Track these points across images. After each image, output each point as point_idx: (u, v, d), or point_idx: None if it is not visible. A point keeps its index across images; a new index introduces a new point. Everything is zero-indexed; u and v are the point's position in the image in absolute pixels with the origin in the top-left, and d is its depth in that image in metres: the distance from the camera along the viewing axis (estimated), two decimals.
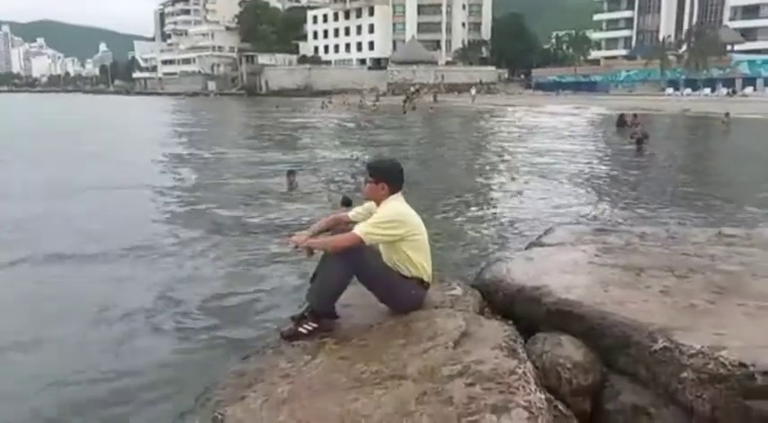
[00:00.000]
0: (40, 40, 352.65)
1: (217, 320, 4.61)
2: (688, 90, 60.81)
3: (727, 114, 27.65)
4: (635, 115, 24.02)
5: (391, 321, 3.38)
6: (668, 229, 5.49)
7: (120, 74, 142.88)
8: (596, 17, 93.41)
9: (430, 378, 2.63)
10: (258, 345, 3.48)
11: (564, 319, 3.38)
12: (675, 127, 30.06)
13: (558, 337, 3.25)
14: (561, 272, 4.00)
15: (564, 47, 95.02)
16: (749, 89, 59.28)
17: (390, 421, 2.33)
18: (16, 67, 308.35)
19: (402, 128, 28.93)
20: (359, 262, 3.33)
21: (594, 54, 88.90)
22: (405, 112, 39.90)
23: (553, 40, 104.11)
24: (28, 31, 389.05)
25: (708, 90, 59.74)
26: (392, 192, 3.46)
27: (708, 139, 24.87)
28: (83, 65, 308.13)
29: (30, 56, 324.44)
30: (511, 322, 3.47)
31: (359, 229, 3.28)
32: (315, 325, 3.36)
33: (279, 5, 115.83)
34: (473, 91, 56.70)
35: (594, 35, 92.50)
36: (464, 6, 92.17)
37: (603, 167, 14.11)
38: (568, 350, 3.13)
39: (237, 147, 19.66)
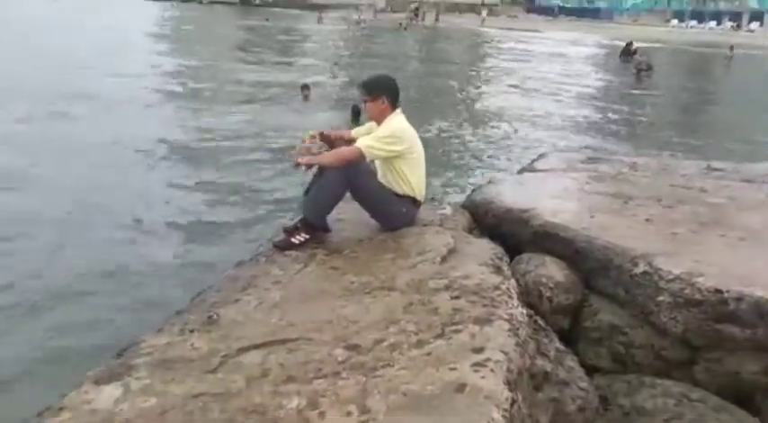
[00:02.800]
0: None
1: (213, 228, 4.69)
2: (693, 22, 59.32)
3: (731, 48, 27.13)
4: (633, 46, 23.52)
5: (382, 236, 3.45)
6: (659, 161, 5.55)
7: None
8: None
9: (417, 290, 2.72)
10: (251, 253, 3.55)
11: (549, 241, 3.48)
12: (678, 60, 29.52)
13: (542, 258, 3.36)
14: (550, 197, 4.07)
15: None
16: (755, 24, 57.85)
17: (377, 326, 2.43)
18: None
19: (399, 53, 28.16)
20: (354, 177, 3.36)
21: None
22: (405, 29, 38.58)
23: None
24: None
25: (713, 23, 58.30)
26: (392, 106, 3.45)
27: (710, 73, 24.55)
28: None
29: None
30: (497, 243, 3.56)
31: (360, 143, 3.30)
32: (307, 236, 3.42)
33: None
34: (484, 13, 54.31)
35: None
36: None
37: (603, 98, 13.99)
38: (551, 270, 3.24)
39: (246, 63, 19.03)
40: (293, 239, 3.42)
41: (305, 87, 11.50)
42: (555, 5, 73.60)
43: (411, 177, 3.48)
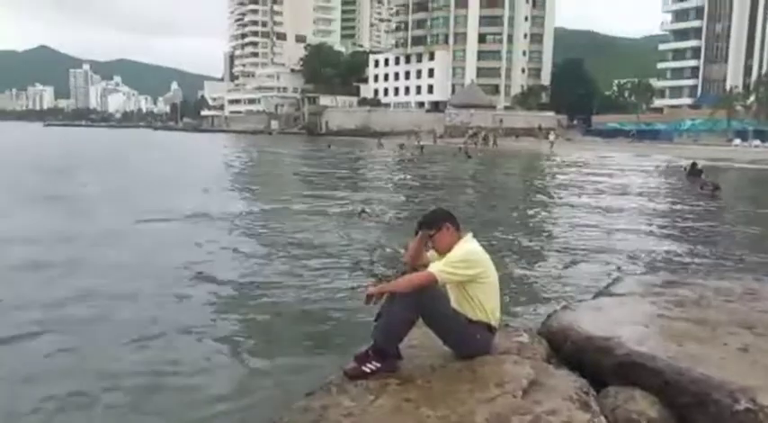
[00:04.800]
0: (117, 78, 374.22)
1: (280, 354, 4.66)
2: (757, 141, 58.66)
3: None
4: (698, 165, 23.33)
5: (457, 365, 3.34)
6: (743, 284, 5.26)
7: (190, 112, 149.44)
8: (660, 65, 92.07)
9: None
10: (321, 381, 3.49)
11: (636, 371, 3.26)
12: (745, 179, 28.95)
13: (630, 392, 3.14)
14: (632, 323, 3.88)
15: (626, 94, 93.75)
16: None
17: None
18: (93, 102, 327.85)
19: (462, 176, 28.91)
20: (426, 303, 3.32)
21: (658, 102, 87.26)
22: (469, 157, 38.10)
23: (615, 88, 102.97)
24: (106, 70, 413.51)
25: None
26: (457, 230, 3.48)
27: None
28: (155, 102, 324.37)
29: (106, 93, 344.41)
30: (578, 373, 3.37)
31: (434, 268, 3.30)
32: (378, 364, 3.35)
33: (342, 49, 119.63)
34: (551, 136, 53.62)
35: (658, 83, 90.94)
36: (524, 53, 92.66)
37: (673, 217, 13.69)
38: (642, 405, 3.01)
39: (310, 185, 19.94)
40: (364, 368, 3.34)
41: (362, 212, 12.03)
42: (613, 129, 74.91)
43: (485, 303, 3.41)
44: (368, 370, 3.33)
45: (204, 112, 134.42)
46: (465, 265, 3.34)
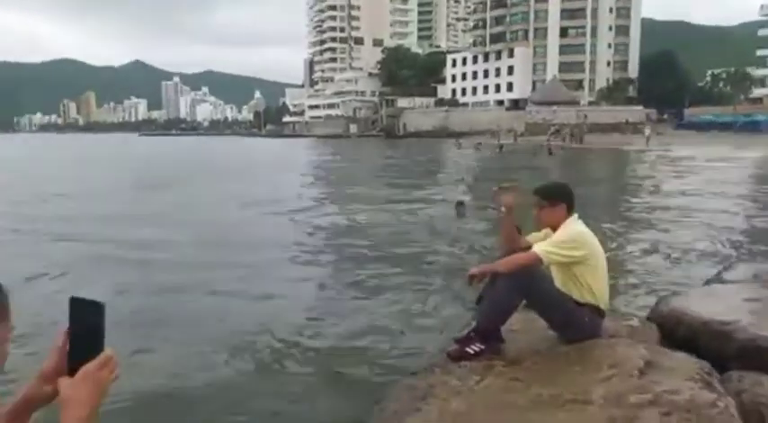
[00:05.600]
0: (204, 89, 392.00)
1: (379, 341, 4.71)
2: None
3: None
4: None
5: (563, 348, 3.24)
6: None
7: (272, 118, 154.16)
8: (759, 53, 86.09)
9: (616, 404, 2.47)
10: (423, 364, 3.49)
11: (762, 356, 3.05)
12: None
13: (756, 377, 2.94)
14: (750, 308, 3.64)
15: (721, 85, 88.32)
16: None
17: None
18: (183, 112, 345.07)
19: (550, 172, 28.17)
20: (530, 284, 3.24)
21: (757, 92, 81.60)
22: (550, 153, 37.13)
23: (708, 79, 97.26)
24: (194, 81, 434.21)
25: None
26: (569, 212, 3.37)
27: None
28: (239, 111, 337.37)
29: (195, 103, 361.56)
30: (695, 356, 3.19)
31: (538, 248, 3.22)
32: (482, 346, 3.31)
33: (419, 50, 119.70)
34: (647, 131, 51.16)
35: (757, 72, 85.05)
36: (609, 45, 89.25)
37: None
38: None
39: (396, 187, 20.08)
40: (468, 349, 3.31)
41: (460, 204, 11.87)
42: (707, 122, 70.75)
43: (593, 284, 3.29)
44: (471, 351, 3.30)
45: (286, 119, 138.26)
46: (571, 246, 3.23)
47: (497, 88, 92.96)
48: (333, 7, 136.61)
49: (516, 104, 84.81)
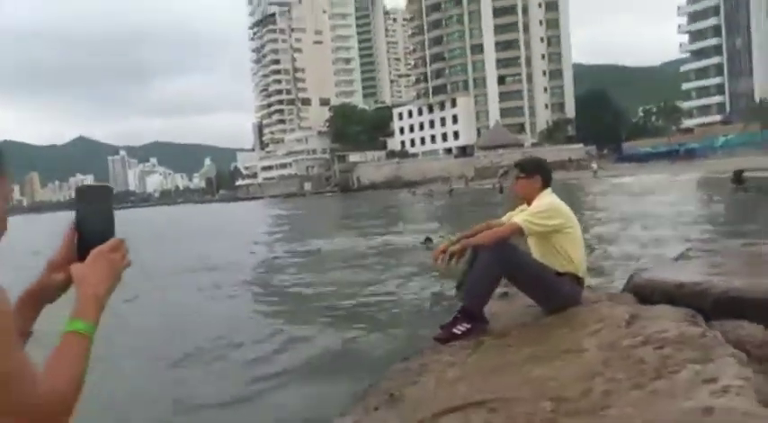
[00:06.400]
0: (153, 160, 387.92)
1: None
2: None
3: None
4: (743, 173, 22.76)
5: (548, 319, 3.27)
6: None
7: (225, 183, 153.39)
8: (685, 86, 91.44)
9: (611, 348, 2.50)
10: (412, 350, 3.45)
11: (738, 306, 3.14)
12: None
13: (736, 322, 3.02)
14: (717, 272, 3.77)
15: (653, 119, 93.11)
16: None
17: (579, 380, 2.22)
18: (132, 185, 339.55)
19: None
20: (509, 258, 3.28)
21: (687, 123, 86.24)
22: (501, 192, 38.54)
23: (641, 114, 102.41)
24: (142, 153, 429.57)
25: None
26: (545, 185, 3.48)
27: None
28: (190, 179, 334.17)
29: (144, 175, 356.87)
30: None
31: (517, 218, 3.29)
32: (468, 325, 3.30)
33: (366, 107, 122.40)
34: (594, 165, 54.84)
35: (685, 105, 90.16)
36: (545, 89, 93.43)
37: (725, 214, 13.49)
38: (753, 331, 2.89)
39: (358, 232, 20.16)
40: (455, 330, 3.30)
41: (428, 240, 11.99)
42: (645, 153, 73.98)
43: (571, 252, 3.37)
44: (458, 331, 3.29)
45: (239, 182, 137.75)
46: (547, 215, 3.32)
47: (444, 137, 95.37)
48: (277, 71, 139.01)
49: (464, 151, 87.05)
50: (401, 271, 8.15)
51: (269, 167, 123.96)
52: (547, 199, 3.43)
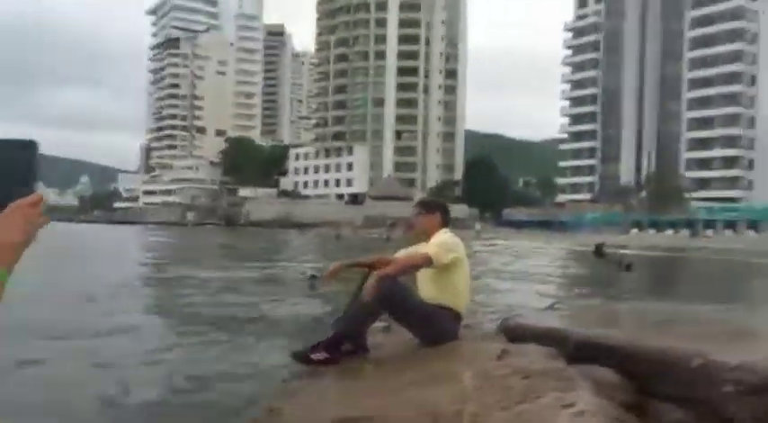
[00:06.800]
0: None
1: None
2: (652, 230, 63.57)
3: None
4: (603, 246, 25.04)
5: (428, 349, 3.41)
6: (675, 306, 5.69)
7: (101, 204, 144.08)
8: (561, 164, 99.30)
9: (483, 378, 2.67)
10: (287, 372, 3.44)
11: (595, 351, 3.46)
12: (646, 261, 31.16)
13: (592, 366, 3.32)
14: (579, 322, 4.13)
15: (531, 189, 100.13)
16: (710, 231, 62.23)
17: (453, 402, 2.35)
18: None
19: None
20: (392, 297, 3.34)
21: (561, 197, 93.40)
22: (388, 240, 39.65)
23: (521, 184, 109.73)
24: None
25: (670, 231, 62.54)
26: (444, 224, 3.68)
27: (676, 268, 25.91)
28: (61, 195, 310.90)
29: None
30: None
31: (427, 249, 3.45)
32: (326, 355, 3.32)
33: (263, 143, 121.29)
34: (478, 226, 57.03)
35: (561, 180, 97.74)
36: (438, 150, 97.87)
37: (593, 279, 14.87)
38: (603, 373, 3.19)
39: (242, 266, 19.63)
40: (312, 356, 3.33)
41: (312, 277, 11.71)
42: (522, 221, 79.02)
43: (461, 288, 3.57)
44: (315, 358, 3.32)
45: (117, 204, 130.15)
46: (447, 248, 3.50)
47: (338, 183, 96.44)
48: (175, 96, 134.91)
49: (355, 199, 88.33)
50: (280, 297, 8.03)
51: (152, 192, 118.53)
52: (446, 235, 3.63)
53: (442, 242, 3.53)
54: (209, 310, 7.06)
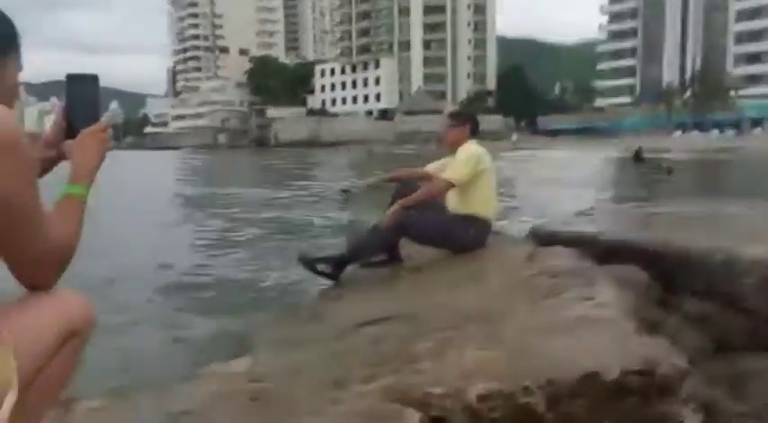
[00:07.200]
0: (54, 99, 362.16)
1: None
2: (696, 132, 61.61)
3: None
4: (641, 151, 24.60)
5: (460, 256, 3.58)
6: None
7: (132, 130, 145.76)
8: (599, 66, 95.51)
9: (512, 278, 2.84)
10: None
11: (622, 252, 3.59)
12: (691, 165, 30.59)
13: (621, 266, 3.45)
14: (611, 225, 4.24)
15: (568, 96, 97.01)
16: (758, 130, 59.86)
17: (485, 300, 2.53)
18: (28, 124, 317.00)
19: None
20: (406, 225, 3.50)
21: (599, 102, 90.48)
22: (419, 158, 39.76)
23: (557, 91, 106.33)
24: (42, 91, 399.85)
25: (716, 131, 60.48)
26: (472, 134, 3.76)
27: (717, 170, 25.42)
28: None
29: (42, 114, 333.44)
30: None
31: (449, 176, 3.57)
32: (330, 270, 3.50)
33: (287, 61, 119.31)
34: (514, 136, 57.33)
35: (599, 83, 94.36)
36: (468, 58, 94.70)
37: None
38: (631, 272, 3.33)
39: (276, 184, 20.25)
40: (318, 266, 3.52)
41: (345, 191, 12.11)
42: (559, 129, 77.41)
43: (488, 196, 3.71)
44: (318, 268, 3.51)
45: (148, 130, 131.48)
46: (475, 161, 3.61)
47: (366, 99, 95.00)
48: (195, 15, 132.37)
49: (385, 114, 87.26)
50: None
51: (182, 116, 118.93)
52: (473, 147, 3.72)
53: (468, 157, 3.61)
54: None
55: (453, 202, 3.73)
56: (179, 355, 3.16)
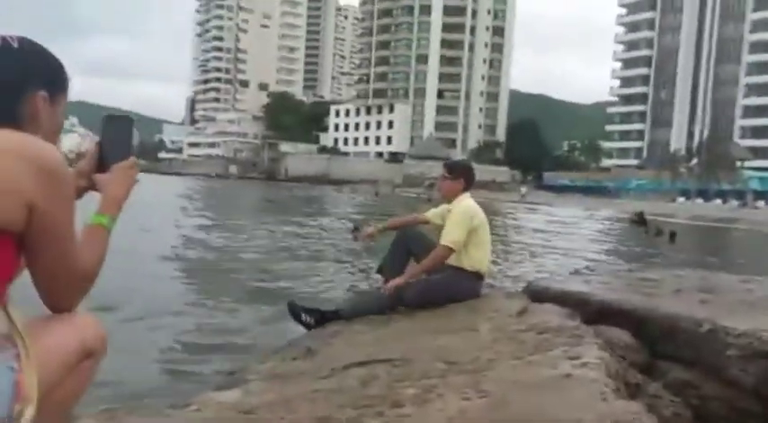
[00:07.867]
0: (74, 119, 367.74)
1: None
2: (699, 200, 61.84)
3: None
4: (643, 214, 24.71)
5: (451, 305, 3.68)
6: (696, 274, 5.79)
7: (147, 154, 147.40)
8: (608, 128, 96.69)
9: (500, 331, 2.92)
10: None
11: (611, 314, 3.66)
12: (692, 232, 30.62)
13: (608, 327, 3.53)
14: (603, 288, 4.31)
15: (576, 154, 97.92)
16: (761, 203, 60.12)
17: (471, 350, 2.61)
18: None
19: None
20: (407, 295, 3.65)
21: (606, 162, 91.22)
22: (429, 200, 40.17)
23: (566, 148, 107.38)
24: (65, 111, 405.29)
25: (719, 201, 60.71)
26: (466, 188, 3.88)
27: (721, 241, 25.37)
28: None
29: (62, 132, 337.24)
30: None
31: (445, 241, 3.68)
32: (312, 324, 3.59)
33: (304, 99, 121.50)
34: (523, 189, 57.22)
35: (606, 145, 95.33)
36: (480, 109, 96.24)
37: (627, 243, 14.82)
38: (618, 334, 3.40)
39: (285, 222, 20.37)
40: (303, 316, 3.62)
41: (356, 229, 12.31)
42: (564, 185, 77.79)
43: (480, 252, 3.80)
44: (303, 319, 3.61)
45: (162, 155, 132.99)
46: (468, 221, 3.73)
47: (377, 140, 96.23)
48: (219, 49, 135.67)
49: (395, 157, 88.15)
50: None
51: (196, 144, 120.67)
52: (465, 202, 3.84)
53: (462, 217, 3.73)
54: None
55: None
56: (172, 384, 3.23)
